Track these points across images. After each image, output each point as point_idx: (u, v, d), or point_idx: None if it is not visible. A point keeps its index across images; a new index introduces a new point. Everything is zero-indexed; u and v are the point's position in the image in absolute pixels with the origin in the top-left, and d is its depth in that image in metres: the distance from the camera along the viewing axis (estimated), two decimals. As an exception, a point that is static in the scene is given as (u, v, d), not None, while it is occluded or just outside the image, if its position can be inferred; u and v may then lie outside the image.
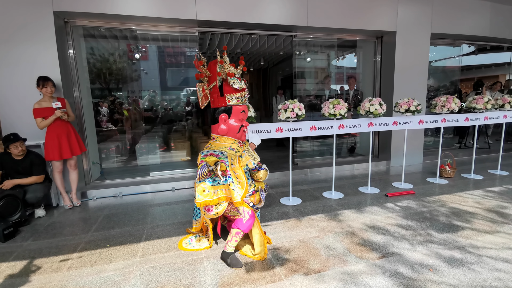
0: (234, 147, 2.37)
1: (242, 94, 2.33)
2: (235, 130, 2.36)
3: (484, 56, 8.64)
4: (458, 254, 2.28)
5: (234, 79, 2.25)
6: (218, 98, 2.32)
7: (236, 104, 2.33)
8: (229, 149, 2.32)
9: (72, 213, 3.42)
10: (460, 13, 5.31)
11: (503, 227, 2.73)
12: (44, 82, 3.27)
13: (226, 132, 2.36)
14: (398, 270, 2.09)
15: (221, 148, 2.31)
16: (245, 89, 2.36)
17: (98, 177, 4.46)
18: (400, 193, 3.71)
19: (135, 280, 2.05)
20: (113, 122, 5.96)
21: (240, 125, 2.37)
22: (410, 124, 3.91)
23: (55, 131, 3.34)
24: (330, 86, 6.19)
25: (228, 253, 2.25)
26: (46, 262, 2.34)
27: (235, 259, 2.22)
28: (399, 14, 4.88)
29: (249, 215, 2.20)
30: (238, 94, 2.30)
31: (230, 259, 2.21)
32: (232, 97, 2.30)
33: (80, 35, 4.17)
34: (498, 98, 4.40)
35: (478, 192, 3.74)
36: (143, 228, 2.93)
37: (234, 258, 2.22)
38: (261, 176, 2.54)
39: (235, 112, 2.34)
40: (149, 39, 5.19)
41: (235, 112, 2.34)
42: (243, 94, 2.34)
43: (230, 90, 2.28)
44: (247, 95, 2.41)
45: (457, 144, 6.98)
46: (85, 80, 4.25)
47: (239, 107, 2.35)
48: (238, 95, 2.31)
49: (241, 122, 2.38)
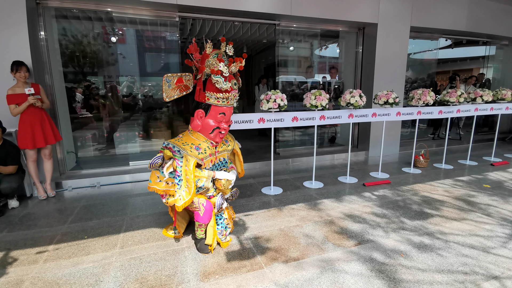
0: (203, 147, 2.23)
1: (225, 95, 2.14)
2: (208, 130, 2.22)
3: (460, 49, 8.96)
4: (427, 240, 2.42)
5: (218, 78, 2.07)
6: (200, 92, 2.20)
7: (215, 104, 2.17)
8: (195, 148, 2.18)
9: (47, 204, 3.30)
10: (439, 8, 5.45)
11: (470, 214, 2.93)
12: (17, 67, 3.11)
13: (199, 129, 2.24)
14: (372, 256, 2.20)
15: (188, 145, 2.18)
16: (231, 91, 2.16)
17: (73, 167, 4.31)
18: (377, 183, 3.86)
19: (115, 271, 2.04)
20: (89, 108, 5.70)
21: (215, 126, 2.22)
22: (388, 116, 4.03)
23: (28, 119, 3.18)
24: (313, 76, 6.23)
25: (198, 239, 2.31)
26: (22, 254, 2.27)
27: (203, 245, 2.28)
28: (380, 6, 4.93)
29: (204, 207, 2.19)
30: (220, 95, 2.12)
31: (200, 244, 2.29)
32: (212, 96, 2.14)
33: (52, 16, 3.92)
34: (470, 92, 4.62)
35: (448, 181, 3.96)
36: (122, 219, 2.88)
37: (202, 244, 2.28)
38: (220, 187, 2.32)
39: (213, 112, 2.19)
40: (126, 22, 4.96)
41: (213, 111, 2.19)
42: (226, 95, 2.14)
43: (212, 88, 2.13)
44: (233, 97, 2.21)
45: (431, 135, 7.30)
46: (57, 63, 4.02)
47: (219, 108, 2.18)
48: (220, 96, 2.13)
49: (218, 123, 2.22)
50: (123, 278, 1.96)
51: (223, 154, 2.42)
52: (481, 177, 4.13)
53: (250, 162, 4.70)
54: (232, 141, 2.56)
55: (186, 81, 2.26)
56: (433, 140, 6.94)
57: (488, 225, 2.69)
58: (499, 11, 6.15)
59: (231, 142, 2.54)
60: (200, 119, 2.22)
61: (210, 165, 2.29)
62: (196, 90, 2.25)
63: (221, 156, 2.40)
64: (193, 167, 2.10)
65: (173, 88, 2.21)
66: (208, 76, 2.15)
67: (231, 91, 2.16)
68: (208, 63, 2.09)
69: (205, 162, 2.23)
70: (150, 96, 7.06)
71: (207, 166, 2.27)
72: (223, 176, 2.30)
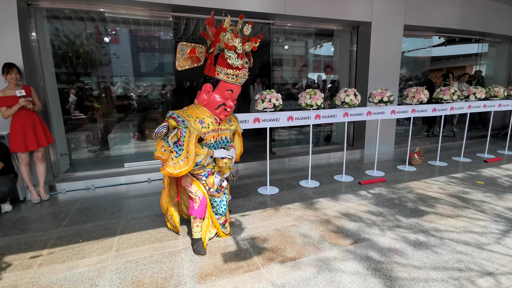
0: (207, 122, 2.20)
1: (235, 72, 2.11)
2: (214, 105, 2.19)
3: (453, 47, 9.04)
4: (422, 238, 2.44)
5: (230, 53, 2.03)
6: (210, 66, 2.15)
7: (224, 80, 2.13)
8: (198, 122, 2.16)
9: (41, 207, 3.26)
10: (431, 6, 5.48)
11: (464, 211, 2.95)
12: (8, 68, 3.07)
13: (205, 103, 2.21)
14: (368, 254, 2.21)
15: (192, 117, 2.16)
16: (242, 69, 2.13)
17: (67, 169, 4.26)
18: (373, 181, 3.88)
19: (110, 275, 2.02)
20: (82, 110, 5.64)
21: (221, 103, 2.19)
22: (383, 114, 4.05)
23: (19, 121, 3.14)
24: (307, 75, 6.23)
25: (195, 239, 2.32)
26: (16, 259, 2.24)
27: (199, 246, 2.28)
28: (374, 5, 4.95)
29: (200, 200, 2.22)
30: (230, 71, 2.09)
31: (196, 245, 2.29)
32: (222, 71, 2.10)
33: (44, 16, 3.86)
34: (463, 90, 4.66)
35: (442, 178, 3.99)
36: (118, 221, 2.86)
37: (198, 245, 2.29)
38: (222, 165, 2.31)
39: (221, 88, 2.16)
40: (119, 22, 4.91)
41: (221, 87, 2.15)
42: (236, 72, 2.12)
43: (223, 63, 2.09)
44: (243, 75, 2.18)
45: (425, 132, 7.36)
46: (49, 65, 3.97)
47: (227, 84, 2.15)
48: (230, 72, 2.10)
49: (225, 100, 2.19)
50: (119, 282, 1.94)
51: (225, 132, 2.37)
52: (475, 173, 4.18)
53: (246, 162, 4.70)
54: (236, 122, 2.52)
55: (198, 52, 2.18)
56: (428, 138, 6.99)
57: (482, 221, 2.72)
58: (491, 9, 6.22)
59: (234, 123, 2.49)
60: (208, 94, 2.18)
61: (212, 141, 2.26)
62: (206, 63, 2.20)
63: (223, 134, 2.36)
64: (195, 139, 2.10)
65: (185, 57, 2.14)
66: (221, 51, 2.12)
67: (241, 69, 2.13)
68: (224, 37, 2.03)
69: (207, 137, 2.21)
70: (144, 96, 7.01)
71: (208, 142, 2.24)
72: (223, 155, 2.28)
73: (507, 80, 7.70)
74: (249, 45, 2.13)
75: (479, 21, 6.16)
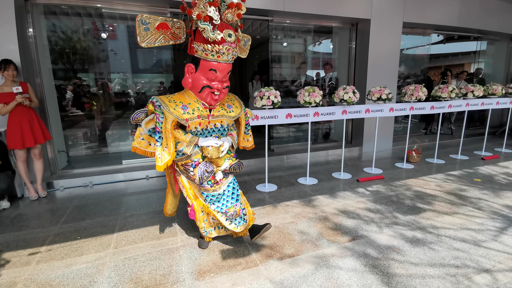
0: (192, 107, 1.98)
1: (214, 47, 1.79)
2: (197, 88, 1.94)
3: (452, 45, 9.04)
4: (419, 235, 2.46)
5: (205, 25, 1.72)
6: (190, 44, 1.90)
7: (204, 58, 1.85)
8: (181, 107, 1.95)
9: (39, 204, 3.25)
10: (431, 3, 5.47)
11: (461, 208, 2.97)
12: (5, 65, 3.05)
13: (189, 85, 1.97)
14: (366, 251, 2.22)
15: (174, 102, 1.96)
16: (223, 43, 1.79)
17: (64, 166, 4.24)
18: (371, 178, 3.90)
19: (109, 272, 2.02)
20: (80, 106, 5.61)
21: (205, 85, 1.91)
22: (381, 112, 4.05)
23: (16, 118, 3.13)
24: (306, 72, 6.22)
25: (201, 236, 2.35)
26: (15, 256, 2.24)
27: (200, 239, 2.35)
28: (373, 2, 4.93)
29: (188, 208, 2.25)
30: (208, 46, 1.78)
31: (199, 240, 2.37)
32: (199, 47, 1.81)
33: (41, 12, 3.83)
34: (462, 87, 4.66)
35: (440, 176, 4.01)
36: (116, 218, 2.86)
37: (201, 240, 2.34)
38: (206, 154, 2.04)
39: (202, 67, 1.88)
40: (117, 18, 4.87)
41: (202, 67, 1.88)
42: (216, 48, 1.79)
43: (199, 38, 1.80)
44: (227, 51, 1.83)
45: (423, 130, 7.38)
46: (46, 61, 3.94)
47: (208, 63, 1.85)
48: (208, 47, 1.79)
49: (209, 82, 1.92)
50: (118, 279, 1.95)
51: (220, 119, 2.11)
52: (472, 171, 4.20)
53: (244, 159, 4.69)
54: (239, 108, 2.23)
55: (175, 28, 1.93)
56: (426, 135, 7.01)
57: (479, 218, 2.74)
58: (490, 7, 6.21)
59: (236, 109, 2.20)
60: (190, 75, 1.94)
61: (198, 129, 2.03)
62: (189, 41, 1.94)
63: (216, 121, 2.09)
64: (170, 125, 1.91)
65: (153, 32, 1.86)
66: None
67: (221, 43, 1.79)
68: (196, 7, 1.73)
69: (189, 124, 1.98)
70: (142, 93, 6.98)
71: (193, 129, 2.02)
72: (208, 143, 2.01)
73: (505, 78, 7.72)
74: (231, 12, 1.81)
75: (478, 18, 6.15)
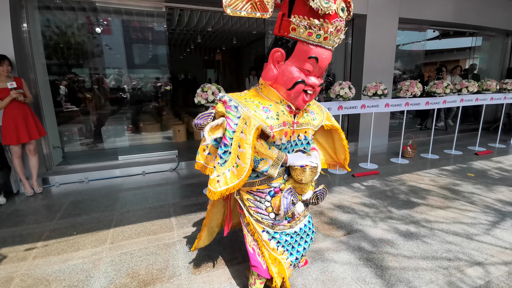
0: (275, 110, 1.38)
1: (323, 24, 1.20)
2: (287, 83, 1.34)
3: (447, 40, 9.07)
4: (413, 228, 2.49)
5: None
6: (282, 20, 1.31)
7: (305, 39, 1.25)
8: (262, 109, 1.36)
9: (34, 200, 3.24)
10: (427, -1, 5.47)
11: (454, 202, 3.02)
12: (0, 60, 3.01)
13: (273, 79, 1.38)
14: (361, 245, 2.25)
15: (253, 102, 1.38)
16: (336, 19, 1.22)
17: (60, 162, 4.22)
18: (366, 173, 3.93)
19: (105, 267, 2.03)
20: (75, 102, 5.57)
21: (298, 79, 1.32)
22: (377, 107, 4.07)
23: (11, 114, 3.10)
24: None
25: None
26: (11, 251, 2.24)
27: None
28: (370, -3, 4.92)
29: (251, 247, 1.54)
30: (315, 21, 1.19)
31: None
32: (302, 23, 1.21)
33: (35, 7, 3.77)
34: (456, 83, 4.70)
35: (434, 170, 4.06)
36: (112, 214, 2.86)
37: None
38: (301, 178, 1.43)
39: (298, 53, 1.29)
40: (111, 12, 4.82)
41: (299, 52, 1.29)
42: (326, 26, 1.21)
43: (302, 10, 1.20)
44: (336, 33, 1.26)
45: (418, 125, 7.43)
46: (40, 56, 3.89)
47: (309, 48, 1.27)
48: (315, 23, 1.19)
49: (306, 76, 1.34)
50: (114, 274, 1.96)
51: (305, 129, 1.51)
52: (466, 166, 4.25)
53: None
54: (321, 114, 1.62)
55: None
56: (421, 131, 7.07)
57: (472, 212, 2.79)
58: (485, 3, 6.23)
59: (318, 115, 1.59)
60: (278, 65, 1.36)
61: (284, 141, 1.44)
62: (278, 17, 1.35)
63: (301, 131, 1.50)
64: (253, 135, 1.30)
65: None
66: None
67: (334, 19, 1.22)
68: None
69: (274, 134, 1.38)
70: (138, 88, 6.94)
71: (277, 141, 1.43)
72: (302, 162, 1.42)
73: (500, 74, 7.78)
74: None
75: (474, 14, 6.17)
